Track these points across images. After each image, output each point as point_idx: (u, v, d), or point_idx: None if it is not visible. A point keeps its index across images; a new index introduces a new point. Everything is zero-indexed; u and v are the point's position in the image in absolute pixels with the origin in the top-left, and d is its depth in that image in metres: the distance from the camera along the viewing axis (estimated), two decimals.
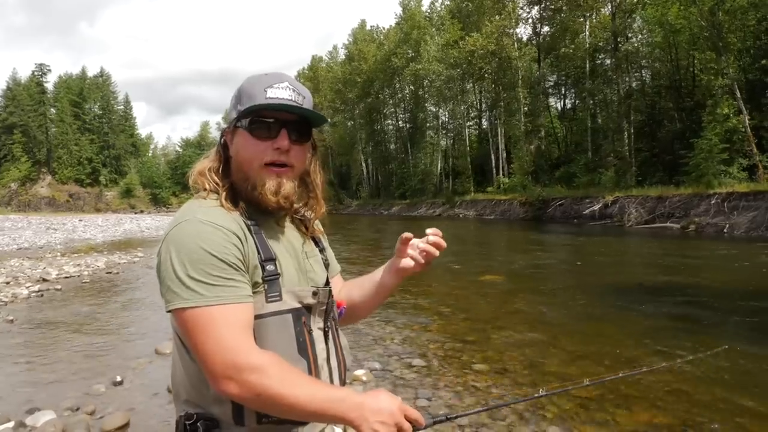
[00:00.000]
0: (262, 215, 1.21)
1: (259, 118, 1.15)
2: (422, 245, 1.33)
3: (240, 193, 1.19)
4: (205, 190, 1.19)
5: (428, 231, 1.33)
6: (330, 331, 1.26)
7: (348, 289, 1.48)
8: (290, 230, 1.28)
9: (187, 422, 1.11)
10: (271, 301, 1.13)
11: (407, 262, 1.35)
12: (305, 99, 1.19)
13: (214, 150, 1.26)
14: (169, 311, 1.06)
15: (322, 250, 1.38)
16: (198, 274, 1.03)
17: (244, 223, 1.15)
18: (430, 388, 4.46)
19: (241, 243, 1.10)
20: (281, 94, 1.15)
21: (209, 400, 1.11)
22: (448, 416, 1.21)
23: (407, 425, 1.06)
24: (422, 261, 1.33)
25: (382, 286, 1.41)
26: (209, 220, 1.09)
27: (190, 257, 1.04)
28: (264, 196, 1.15)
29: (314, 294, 1.21)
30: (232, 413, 1.10)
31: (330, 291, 1.27)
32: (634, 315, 6.96)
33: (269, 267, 1.13)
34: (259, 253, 1.13)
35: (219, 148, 1.24)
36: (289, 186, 1.18)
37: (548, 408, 3.89)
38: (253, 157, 1.16)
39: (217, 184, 1.19)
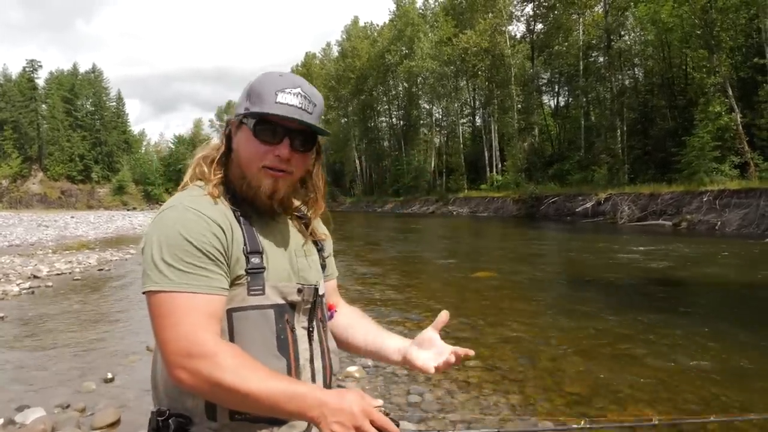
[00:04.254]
0: (257, 209, 1.19)
1: (264, 122, 1.13)
2: (446, 356, 1.24)
3: (236, 187, 1.18)
4: (200, 179, 1.18)
5: (442, 315, 1.27)
6: (315, 332, 1.21)
7: (349, 321, 1.42)
8: (288, 227, 1.25)
9: (159, 418, 1.08)
10: (253, 294, 1.10)
11: (426, 365, 1.25)
12: (316, 107, 1.15)
13: (216, 138, 1.25)
14: (143, 293, 1.05)
15: (320, 251, 1.33)
16: (171, 258, 1.02)
17: (233, 213, 1.13)
18: (422, 384, 4.46)
19: (224, 233, 1.08)
20: (291, 100, 1.11)
21: (183, 391, 1.08)
22: None
23: (372, 430, 0.99)
24: (439, 366, 1.24)
25: (381, 353, 1.35)
26: (194, 208, 1.08)
27: (167, 242, 1.04)
28: (258, 197, 1.15)
29: (299, 291, 1.17)
30: (204, 407, 1.07)
31: (317, 289, 1.22)
32: (622, 310, 6.99)
33: (254, 260, 1.10)
34: (245, 244, 1.11)
35: (223, 138, 1.22)
36: (284, 190, 1.17)
37: None
38: (252, 159, 1.14)
39: (206, 173, 1.18)
